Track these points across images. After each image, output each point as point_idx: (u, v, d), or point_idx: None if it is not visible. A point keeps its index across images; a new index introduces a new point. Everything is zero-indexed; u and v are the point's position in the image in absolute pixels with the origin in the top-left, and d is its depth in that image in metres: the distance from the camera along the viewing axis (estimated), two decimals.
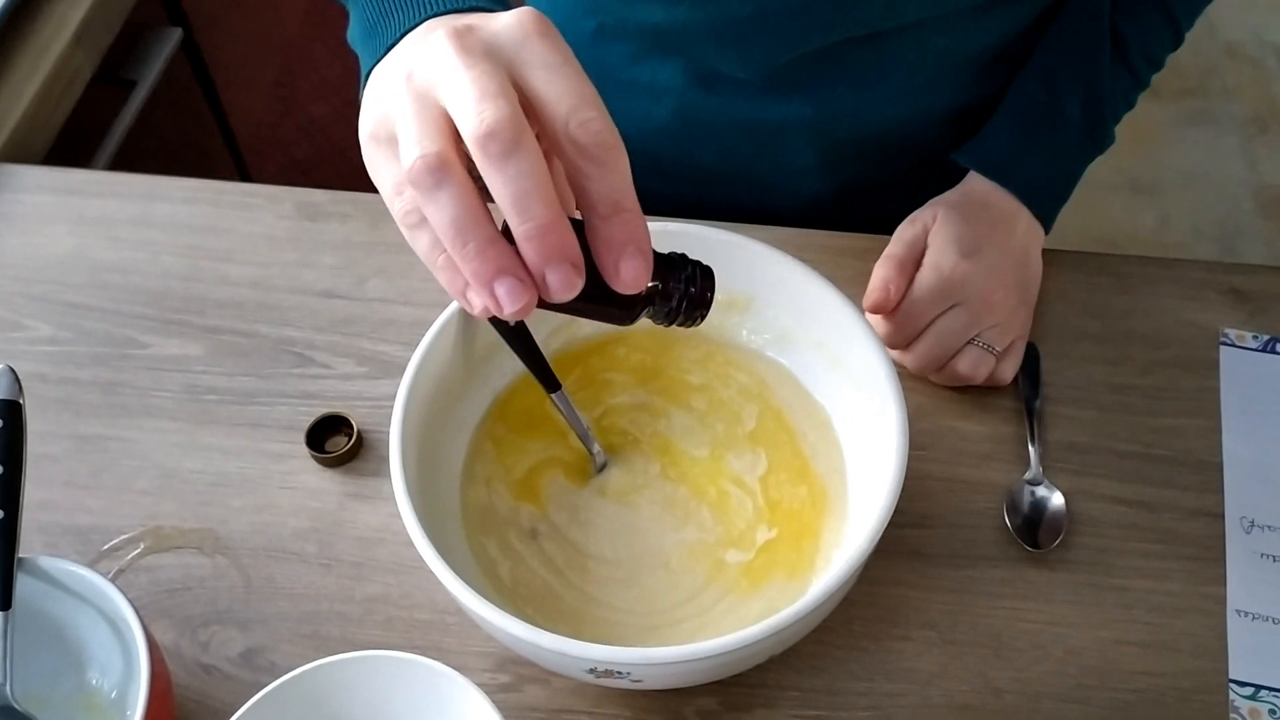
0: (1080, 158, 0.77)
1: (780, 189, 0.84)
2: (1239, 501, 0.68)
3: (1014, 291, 0.71)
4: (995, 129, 0.76)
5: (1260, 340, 0.75)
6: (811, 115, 0.79)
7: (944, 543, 0.67)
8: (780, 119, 0.79)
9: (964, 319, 0.69)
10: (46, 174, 0.85)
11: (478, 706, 0.53)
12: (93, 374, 0.74)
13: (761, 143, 0.81)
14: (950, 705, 0.62)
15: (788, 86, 0.77)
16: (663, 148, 0.83)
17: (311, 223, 0.81)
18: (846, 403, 0.65)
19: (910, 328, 0.70)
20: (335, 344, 0.75)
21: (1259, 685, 0.62)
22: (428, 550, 0.55)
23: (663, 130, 0.82)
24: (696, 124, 0.82)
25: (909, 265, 0.71)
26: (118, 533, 0.68)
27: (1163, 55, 0.78)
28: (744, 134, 0.81)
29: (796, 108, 0.79)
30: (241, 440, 0.71)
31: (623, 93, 0.81)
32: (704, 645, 0.53)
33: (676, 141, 0.83)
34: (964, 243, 0.70)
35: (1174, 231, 2.01)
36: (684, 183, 0.85)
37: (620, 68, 0.81)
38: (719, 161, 0.83)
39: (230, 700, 0.60)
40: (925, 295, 0.69)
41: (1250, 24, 2.25)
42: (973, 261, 0.69)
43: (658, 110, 0.82)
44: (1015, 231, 0.73)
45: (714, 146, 0.83)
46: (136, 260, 0.79)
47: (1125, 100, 0.78)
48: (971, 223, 0.71)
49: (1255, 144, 2.11)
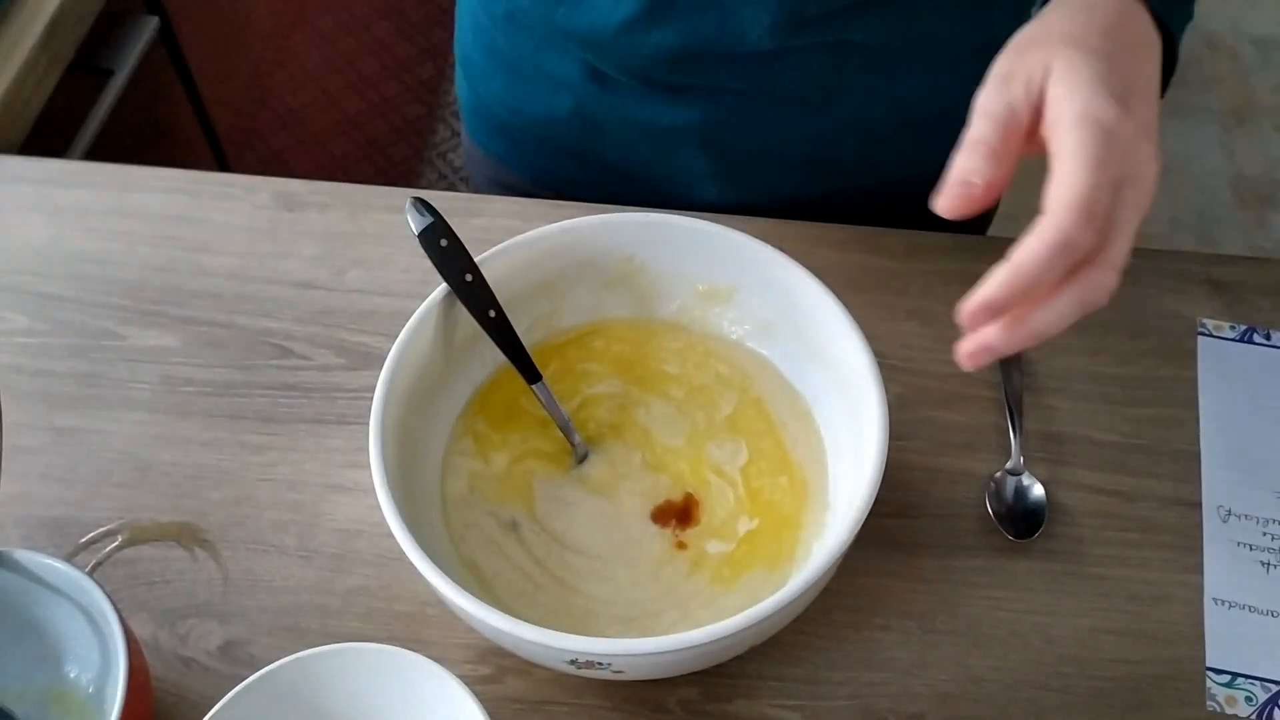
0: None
1: (680, 193, 0.82)
2: (1216, 491, 0.69)
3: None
4: None
5: (1238, 330, 0.75)
6: (698, 121, 0.77)
7: (924, 532, 0.67)
8: (669, 122, 0.78)
9: (1139, 206, 0.49)
10: (21, 164, 0.84)
11: (459, 698, 0.53)
12: (69, 365, 0.74)
13: (655, 145, 0.80)
14: (930, 694, 0.62)
15: (673, 90, 0.76)
16: (569, 138, 0.83)
17: (290, 213, 0.80)
18: (827, 393, 0.65)
19: (1095, 233, 0.47)
20: (314, 335, 0.75)
21: (1235, 673, 0.63)
22: (408, 542, 0.55)
23: (567, 122, 0.82)
24: (595, 120, 0.81)
25: (1011, 141, 0.49)
26: (95, 525, 0.67)
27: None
28: (639, 134, 0.80)
29: (683, 112, 0.77)
30: (220, 432, 0.71)
31: (530, 79, 0.81)
32: (685, 636, 0.53)
33: (579, 134, 0.82)
34: (1112, 81, 0.48)
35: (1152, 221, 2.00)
36: (596, 173, 0.84)
37: (526, 55, 0.80)
38: (621, 159, 0.82)
39: (209, 693, 0.60)
40: (1099, 170, 0.46)
41: (1229, 16, 2.26)
42: (1130, 109, 0.48)
43: (560, 101, 0.81)
44: (1155, 52, 0.52)
45: (614, 143, 0.82)
46: (113, 251, 0.79)
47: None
48: (1110, 43, 0.50)
49: (1233, 135, 2.12)
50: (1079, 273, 0.47)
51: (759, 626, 0.54)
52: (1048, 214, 0.46)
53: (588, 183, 0.83)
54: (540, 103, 0.82)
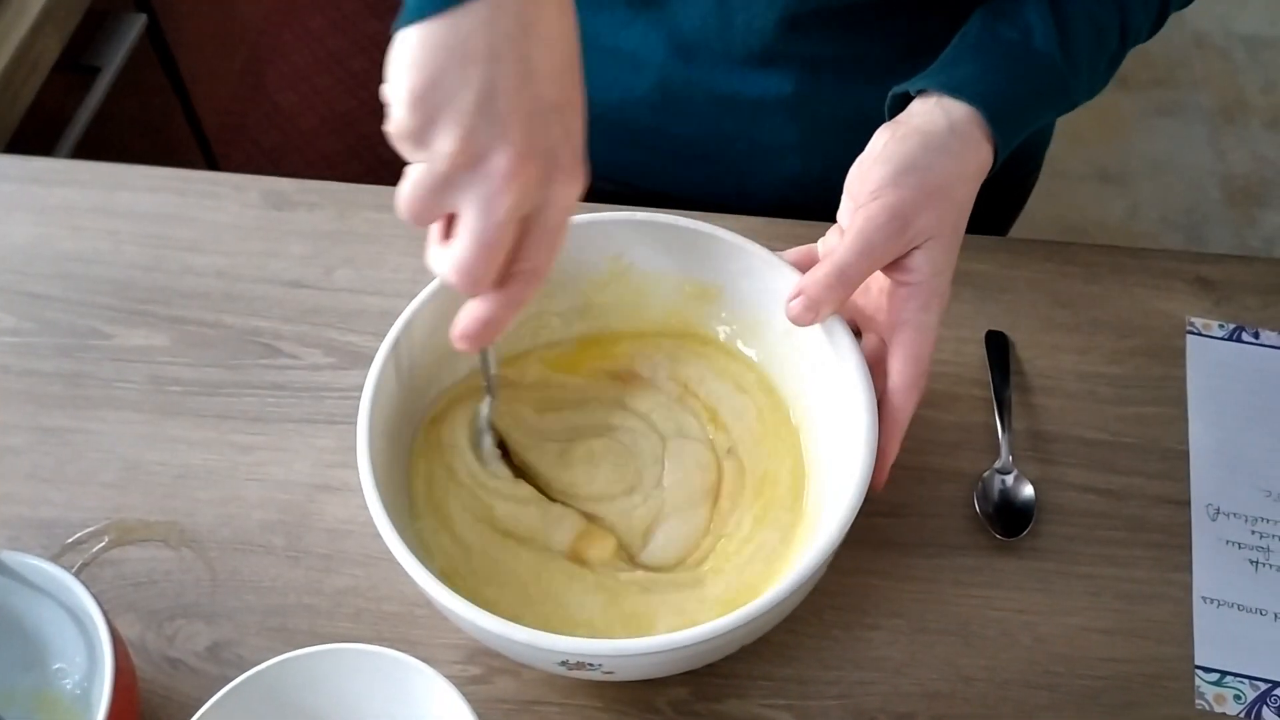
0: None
1: (760, 168, 0.83)
2: (1205, 489, 0.69)
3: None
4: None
5: (1226, 329, 0.75)
6: (792, 91, 0.78)
7: (914, 531, 0.67)
8: (760, 94, 0.79)
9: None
10: (8, 162, 0.84)
11: (448, 699, 0.53)
12: (56, 365, 0.73)
13: (741, 119, 0.81)
14: (920, 693, 0.62)
15: (768, 61, 0.77)
16: (643, 119, 0.83)
17: (278, 212, 0.80)
18: (815, 392, 0.65)
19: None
20: (303, 334, 0.75)
21: (1224, 671, 0.63)
22: (396, 544, 0.55)
23: (643, 101, 0.82)
24: (676, 97, 0.81)
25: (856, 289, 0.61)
26: (82, 526, 0.67)
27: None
28: (724, 109, 0.80)
29: (776, 82, 0.78)
30: (208, 432, 0.71)
31: (606, 61, 0.80)
32: (675, 636, 0.53)
33: (656, 114, 0.82)
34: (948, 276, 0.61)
35: (1142, 220, 2.02)
36: (663, 157, 0.84)
37: (604, 35, 0.80)
38: (699, 137, 0.83)
39: (196, 694, 0.59)
40: (926, 360, 0.60)
41: (1218, 15, 2.27)
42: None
43: (639, 81, 0.81)
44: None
45: (694, 121, 0.82)
46: (100, 250, 0.78)
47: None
48: (966, 207, 0.62)
49: (1223, 134, 2.13)
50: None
51: (749, 626, 0.54)
52: (905, 391, 0.59)
53: (656, 169, 0.82)
54: (617, 85, 0.81)
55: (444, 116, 0.48)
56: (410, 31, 0.48)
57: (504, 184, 0.48)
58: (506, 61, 0.48)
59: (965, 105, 0.61)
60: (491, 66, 0.47)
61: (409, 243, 0.78)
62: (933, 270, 0.59)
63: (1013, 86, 0.63)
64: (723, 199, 0.82)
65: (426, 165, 0.49)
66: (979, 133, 0.61)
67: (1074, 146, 2.07)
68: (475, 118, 0.47)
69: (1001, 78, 0.63)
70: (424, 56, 0.48)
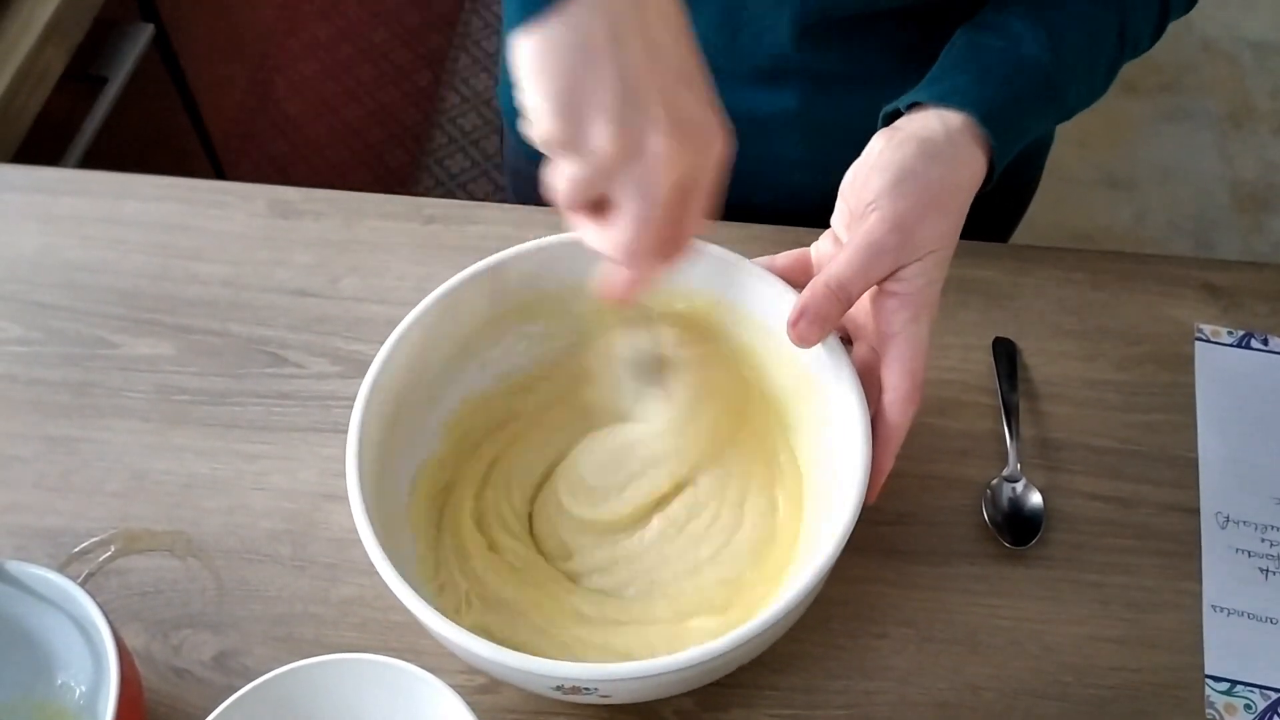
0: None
1: (765, 182, 0.83)
2: (1214, 497, 0.68)
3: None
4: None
5: (1235, 336, 0.75)
6: (798, 107, 0.78)
7: (921, 540, 0.67)
8: (767, 111, 0.79)
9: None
10: (16, 172, 0.84)
11: (453, 709, 0.53)
12: (63, 374, 0.73)
13: (747, 136, 0.80)
14: (928, 703, 0.62)
15: (774, 77, 0.77)
16: None
17: (284, 220, 0.80)
18: (813, 403, 0.64)
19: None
20: (309, 343, 0.75)
21: (1234, 680, 0.63)
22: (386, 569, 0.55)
23: None
24: None
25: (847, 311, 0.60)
26: (88, 535, 0.67)
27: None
28: (733, 128, 0.80)
29: (783, 98, 0.78)
30: (214, 441, 0.71)
31: None
32: (670, 659, 0.52)
33: None
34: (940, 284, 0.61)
35: (1150, 226, 2.02)
36: None
37: None
38: None
39: (202, 704, 0.59)
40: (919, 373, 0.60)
41: (1226, 20, 2.26)
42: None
43: None
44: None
45: None
46: (107, 259, 0.78)
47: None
48: (959, 217, 0.62)
49: (1230, 139, 2.12)
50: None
51: (745, 647, 0.53)
52: (900, 406, 0.58)
53: None
54: None
55: (592, 117, 0.48)
56: (528, 37, 0.48)
57: (662, 168, 0.49)
58: (631, 43, 0.48)
59: (960, 113, 0.61)
60: (619, 53, 0.47)
61: (415, 251, 0.78)
62: (925, 281, 0.59)
63: (1004, 92, 0.63)
64: (726, 210, 0.82)
65: (584, 162, 0.49)
66: (975, 141, 0.61)
67: (1081, 152, 2.07)
68: (622, 110, 0.48)
69: (991, 84, 0.63)
70: (552, 61, 0.47)
